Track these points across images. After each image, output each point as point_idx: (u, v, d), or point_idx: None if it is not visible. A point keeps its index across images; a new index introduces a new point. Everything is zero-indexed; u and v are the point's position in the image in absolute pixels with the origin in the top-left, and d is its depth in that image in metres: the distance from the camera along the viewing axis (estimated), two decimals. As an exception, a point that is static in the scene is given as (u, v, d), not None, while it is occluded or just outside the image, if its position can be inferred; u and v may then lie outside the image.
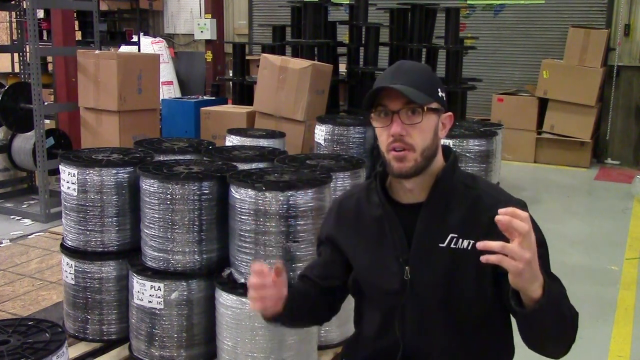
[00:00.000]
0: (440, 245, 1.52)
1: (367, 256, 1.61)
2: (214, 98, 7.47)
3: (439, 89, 1.56)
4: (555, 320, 1.35)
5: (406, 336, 1.55)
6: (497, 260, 1.25)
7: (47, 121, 6.00)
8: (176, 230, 2.75)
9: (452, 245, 1.51)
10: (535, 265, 1.27)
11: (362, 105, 1.57)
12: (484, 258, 1.26)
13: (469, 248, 1.49)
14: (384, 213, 1.58)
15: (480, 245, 1.26)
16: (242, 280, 2.68)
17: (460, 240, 1.51)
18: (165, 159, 3.34)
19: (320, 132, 4.73)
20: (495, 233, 1.48)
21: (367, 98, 1.53)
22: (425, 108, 1.50)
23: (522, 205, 1.55)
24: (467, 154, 4.78)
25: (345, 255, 1.68)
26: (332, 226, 1.70)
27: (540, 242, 1.49)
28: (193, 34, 9.80)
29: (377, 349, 1.62)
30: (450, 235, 1.51)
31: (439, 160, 1.58)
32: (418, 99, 1.48)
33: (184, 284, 2.77)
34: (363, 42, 6.63)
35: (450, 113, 1.60)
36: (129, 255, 2.98)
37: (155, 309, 2.78)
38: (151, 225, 2.79)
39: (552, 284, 1.35)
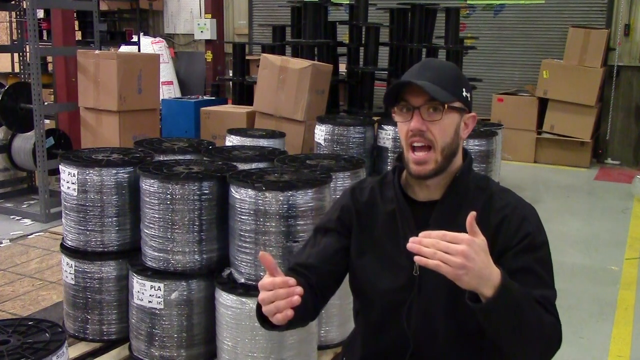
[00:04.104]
0: None
1: (376, 250, 1.60)
2: (214, 98, 7.46)
3: (464, 89, 1.55)
4: (512, 324, 1.35)
5: (412, 333, 1.55)
6: (434, 266, 1.27)
7: (47, 121, 6.00)
8: (176, 230, 2.75)
9: None
10: (477, 269, 1.28)
11: (384, 100, 1.56)
12: (422, 261, 1.28)
13: None
14: (398, 208, 1.58)
15: (414, 248, 1.29)
16: (242, 280, 2.68)
17: None
18: (165, 159, 3.34)
19: (320, 132, 4.73)
20: (501, 233, 1.50)
21: (389, 92, 1.53)
22: (446, 106, 1.50)
23: (531, 209, 1.57)
24: (467, 154, 4.77)
25: (349, 244, 1.65)
26: (350, 209, 1.66)
27: (537, 245, 1.50)
28: (193, 34, 9.80)
29: (382, 346, 1.61)
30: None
31: (458, 160, 1.59)
32: (439, 96, 1.48)
33: (184, 284, 2.77)
34: (363, 42, 6.63)
35: (473, 114, 1.59)
36: (129, 255, 2.98)
37: (155, 309, 2.77)
38: (151, 225, 2.79)
39: (513, 288, 1.34)
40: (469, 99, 1.57)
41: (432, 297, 1.53)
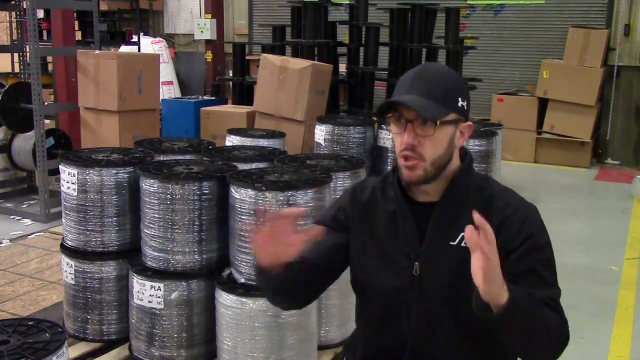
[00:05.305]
0: (451, 243, 1.53)
1: (377, 250, 1.61)
2: (214, 98, 7.46)
3: (460, 98, 1.52)
4: (523, 329, 1.37)
5: (411, 333, 1.55)
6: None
7: (47, 121, 6.00)
8: (176, 230, 2.75)
9: (462, 244, 1.52)
10: (500, 275, 1.31)
11: (377, 113, 1.57)
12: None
13: None
14: (399, 208, 1.59)
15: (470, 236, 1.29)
16: (242, 280, 2.68)
17: None
18: (165, 159, 3.34)
19: (320, 132, 4.73)
20: (503, 234, 1.50)
21: (380, 108, 1.53)
22: (438, 122, 1.48)
23: (533, 209, 1.57)
24: (467, 154, 4.77)
25: (349, 244, 1.66)
26: (348, 213, 1.67)
27: (539, 246, 1.50)
28: (193, 34, 9.80)
29: (382, 346, 1.62)
30: (462, 234, 1.52)
31: (455, 162, 1.58)
32: (429, 113, 1.46)
33: (184, 284, 2.77)
34: (363, 42, 6.63)
35: (469, 123, 1.58)
36: (129, 255, 2.98)
37: (155, 309, 2.77)
38: (151, 225, 2.79)
39: (519, 292, 1.36)
40: (465, 108, 1.54)
41: (432, 296, 1.53)
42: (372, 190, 1.67)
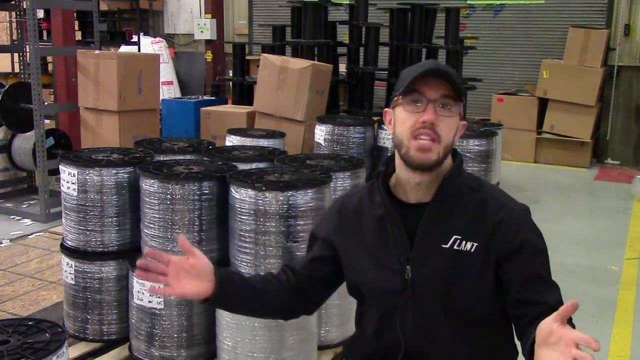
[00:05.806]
0: (443, 246, 1.52)
1: (368, 256, 1.61)
2: (214, 98, 7.46)
3: (462, 96, 1.59)
4: None
5: (407, 335, 1.55)
6: None
7: (47, 121, 6.00)
8: (176, 230, 2.74)
9: (455, 247, 1.51)
10: None
11: (399, 85, 1.54)
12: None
13: (472, 250, 1.50)
14: (386, 212, 1.58)
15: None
16: (242, 280, 2.68)
17: (464, 242, 1.51)
18: (165, 159, 3.34)
19: (320, 132, 4.73)
20: (498, 236, 1.49)
21: (413, 78, 1.50)
22: (460, 104, 1.52)
23: (526, 210, 1.57)
24: (467, 154, 4.77)
25: (339, 257, 1.68)
26: (332, 227, 1.70)
27: (538, 249, 1.50)
28: (193, 34, 9.80)
29: (378, 349, 1.62)
30: (454, 236, 1.52)
31: (448, 161, 1.59)
32: (459, 91, 1.51)
33: (184, 284, 2.77)
34: (363, 42, 6.63)
35: (465, 122, 1.61)
36: (129, 255, 2.98)
37: (155, 309, 2.77)
38: (151, 225, 2.79)
39: None
40: (464, 105, 1.60)
41: (426, 299, 1.54)
42: (359, 198, 1.67)
